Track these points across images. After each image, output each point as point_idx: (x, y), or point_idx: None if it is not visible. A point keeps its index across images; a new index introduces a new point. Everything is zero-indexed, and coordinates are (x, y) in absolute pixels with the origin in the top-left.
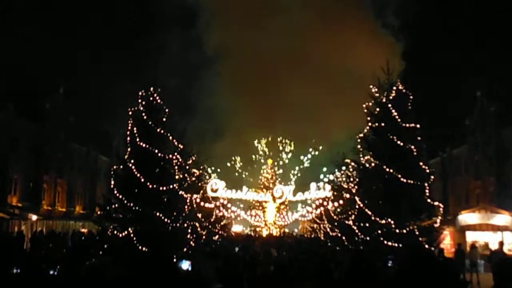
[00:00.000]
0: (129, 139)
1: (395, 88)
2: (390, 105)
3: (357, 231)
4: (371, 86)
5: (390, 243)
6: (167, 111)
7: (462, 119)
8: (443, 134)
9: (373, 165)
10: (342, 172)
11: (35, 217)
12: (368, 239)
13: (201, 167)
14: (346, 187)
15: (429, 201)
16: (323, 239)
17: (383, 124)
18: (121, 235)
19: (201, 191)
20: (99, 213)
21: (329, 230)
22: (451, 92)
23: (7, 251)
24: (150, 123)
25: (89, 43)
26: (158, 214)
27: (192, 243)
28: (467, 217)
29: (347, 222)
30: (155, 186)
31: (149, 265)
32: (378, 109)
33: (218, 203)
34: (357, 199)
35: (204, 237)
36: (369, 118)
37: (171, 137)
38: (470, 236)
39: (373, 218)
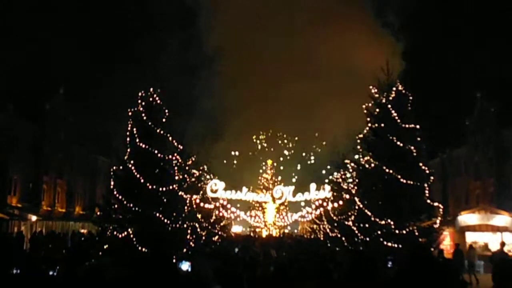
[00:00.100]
0: (128, 139)
1: (394, 88)
2: (389, 106)
3: (356, 232)
4: (370, 87)
5: (389, 244)
6: (167, 111)
7: (462, 120)
8: (443, 134)
9: (372, 165)
10: (341, 172)
11: (34, 218)
12: (367, 239)
13: (201, 168)
14: (345, 187)
15: (428, 201)
16: (322, 239)
17: (383, 124)
18: (120, 236)
19: (201, 192)
20: (98, 213)
21: (328, 230)
22: (451, 92)
23: (7, 252)
24: (150, 123)
25: (89, 43)
26: (157, 214)
27: (191, 243)
28: (466, 218)
29: (346, 222)
30: (154, 186)
31: (149, 265)
32: (377, 110)
33: (217, 204)
34: (356, 199)
35: (203, 237)
36: (369, 118)
37: (170, 138)
38: (469, 236)
39: (372, 218)
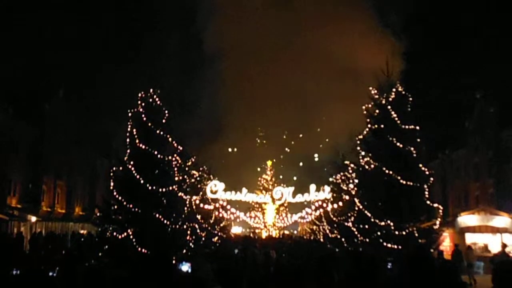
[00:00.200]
0: (128, 140)
1: (394, 89)
2: (389, 107)
3: (356, 233)
4: (370, 88)
5: (389, 245)
6: (167, 112)
7: (461, 121)
8: (442, 135)
9: (372, 166)
10: (341, 173)
11: (34, 219)
12: (367, 240)
13: (201, 169)
14: (345, 188)
15: (428, 202)
16: (322, 240)
17: (383, 125)
18: (120, 237)
19: (201, 193)
20: (98, 214)
21: (328, 231)
22: (451, 93)
23: (7, 253)
24: (149, 124)
25: (89, 44)
26: (157, 215)
27: (191, 244)
28: (466, 219)
29: (346, 223)
30: (154, 187)
31: (149, 266)
32: (377, 111)
33: (217, 205)
34: (356, 200)
35: (203, 238)
36: (369, 119)
37: (170, 139)
38: (469, 238)
39: (372, 219)
